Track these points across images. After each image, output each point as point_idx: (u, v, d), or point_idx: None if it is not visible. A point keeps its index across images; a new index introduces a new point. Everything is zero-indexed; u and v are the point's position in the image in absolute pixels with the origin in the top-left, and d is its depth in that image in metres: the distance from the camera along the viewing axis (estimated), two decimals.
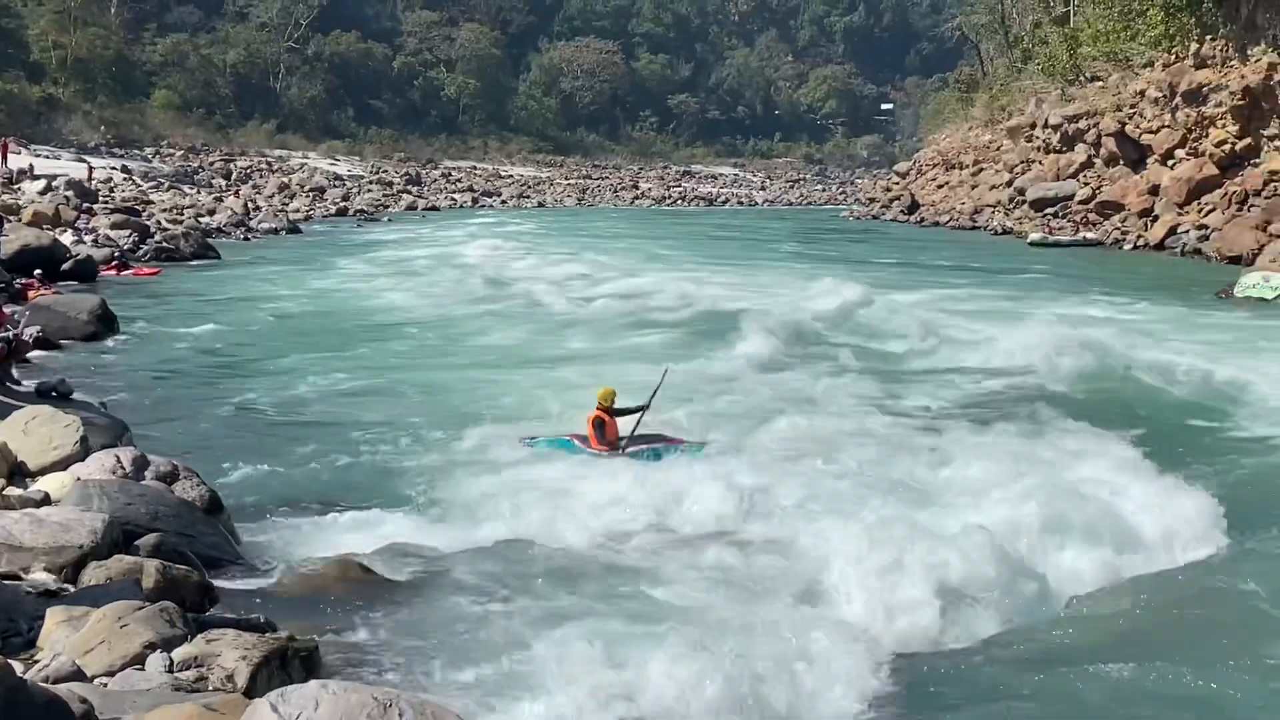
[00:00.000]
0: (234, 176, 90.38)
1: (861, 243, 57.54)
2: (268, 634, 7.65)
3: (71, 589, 8.38)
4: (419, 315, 28.08)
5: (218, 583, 9.36)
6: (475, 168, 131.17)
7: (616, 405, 14.33)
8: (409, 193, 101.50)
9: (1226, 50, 48.53)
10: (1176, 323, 24.40)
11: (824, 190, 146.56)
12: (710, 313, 26.91)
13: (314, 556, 10.24)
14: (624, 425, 14.29)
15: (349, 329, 25.81)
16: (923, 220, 73.83)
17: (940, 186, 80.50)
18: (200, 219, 54.95)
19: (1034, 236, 52.35)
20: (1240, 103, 46.10)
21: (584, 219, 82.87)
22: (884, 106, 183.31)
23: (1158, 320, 24.68)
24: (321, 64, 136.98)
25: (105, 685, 6.83)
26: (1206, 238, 42.79)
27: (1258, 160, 45.70)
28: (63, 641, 7.26)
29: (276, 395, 18.19)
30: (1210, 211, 45.27)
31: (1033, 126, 65.91)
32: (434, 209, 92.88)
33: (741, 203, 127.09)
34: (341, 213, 79.87)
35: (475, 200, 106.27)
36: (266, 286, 33.23)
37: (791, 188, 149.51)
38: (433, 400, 17.54)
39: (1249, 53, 47.16)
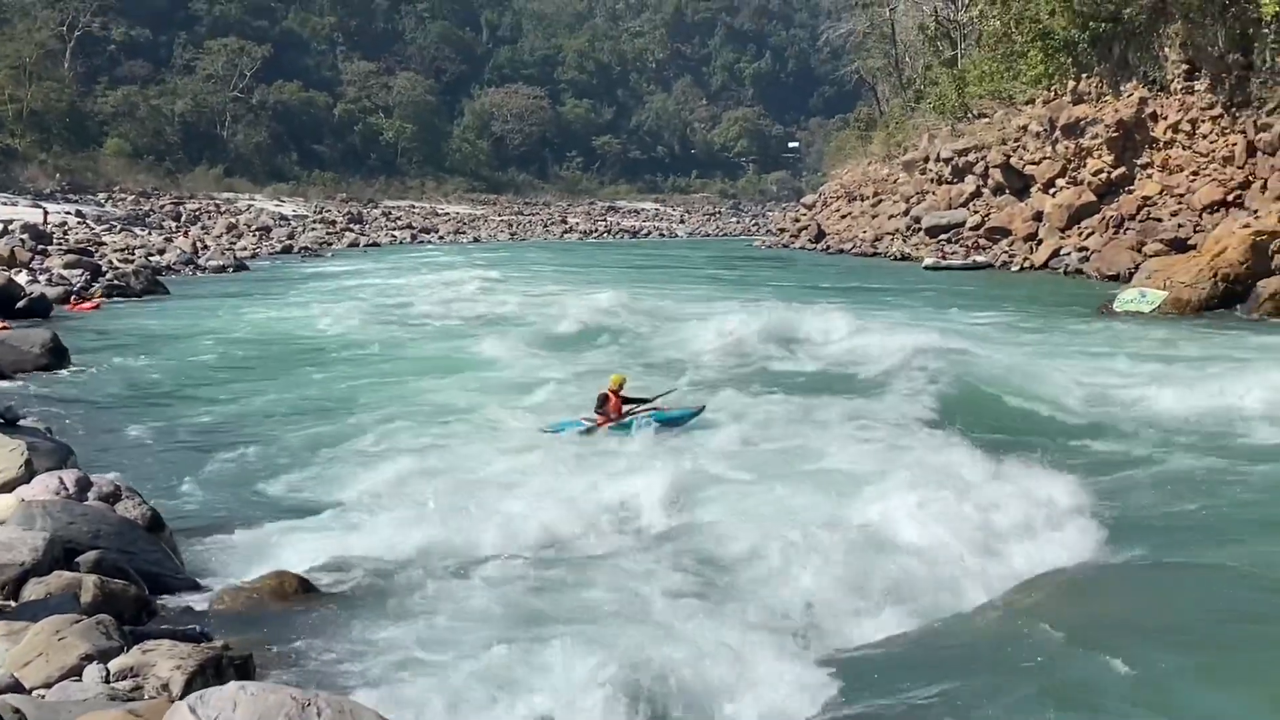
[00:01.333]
0: (183, 218, 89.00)
1: (773, 269, 57.77)
2: (203, 644, 7.42)
3: (13, 604, 8.11)
4: (354, 340, 27.73)
5: (160, 598, 9.12)
6: (414, 206, 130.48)
7: (625, 392, 15.78)
8: (351, 230, 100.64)
9: (1101, 87, 49.19)
10: (1061, 336, 24.58)
11: (738, 222, 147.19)
12: (642, 328, 26.86)
13: (253, 571, 9.96)
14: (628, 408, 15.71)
15: (290, 355, 25.49)
16: (829, 248, 74.12)
17: (844, 217, 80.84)
18: (150, 258, 54.11)
19: (928, 261, 52.61)
20: (1114, 135, 46.81)
21: (516, 251, 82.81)
22: (791, 145, 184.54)
23: (1043, 334, 24.86)
24: (266, 112, 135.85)
25: (43, 696, 6.59)
26: (1087, 258, 43.29)
27: (1131, 187, 46.42)
28: (1, 655, 6.99)
29: (220, 419, 17.88)
30: (1090, 235, 45.83)
31: (926, 160, 66.41)
32: (375, 245, 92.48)
33: (663, 235, 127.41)
34: (287, 250, 78.98)
35: (414, 236, 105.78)
36: (212, 318, 32.72)
37: (709, 220, 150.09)
38: (369, 419, 17.26)
39: (1121, 89, 47.85)
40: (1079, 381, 18.08)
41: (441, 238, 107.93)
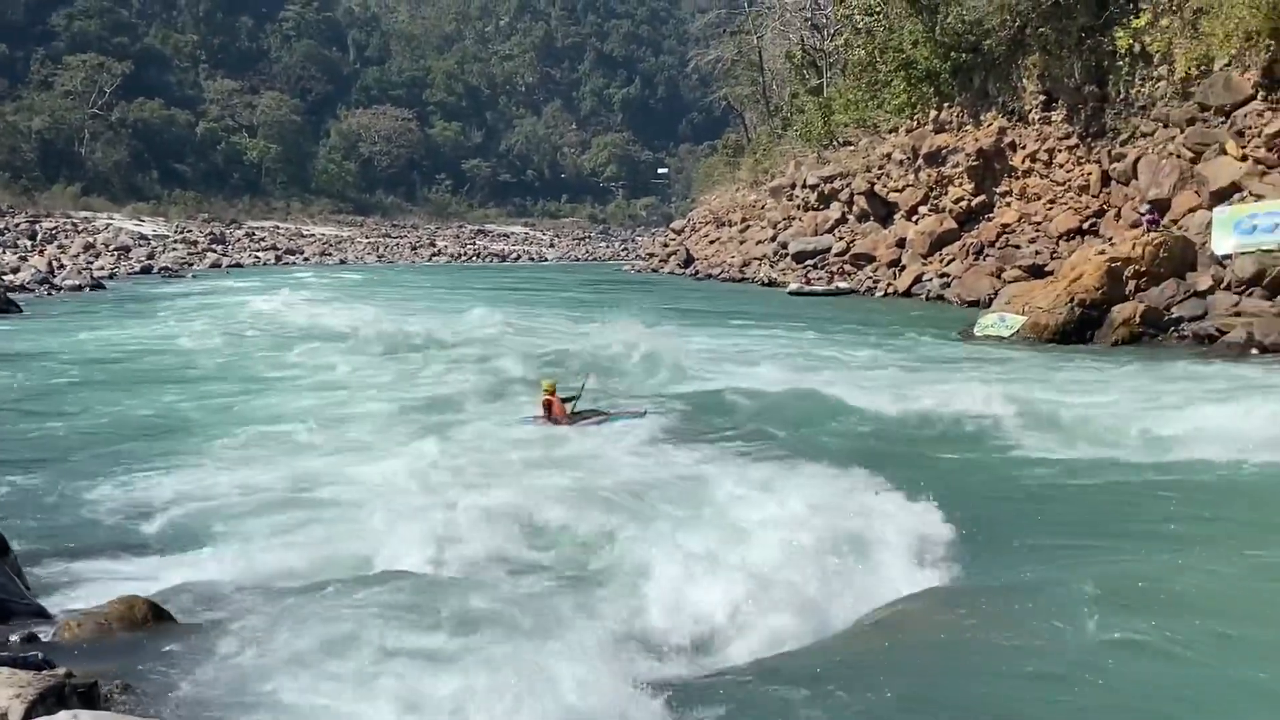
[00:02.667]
0: (39, 237, 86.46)
1: (642, 292, 57.66)
2: (44, 672, 6.90)
3: None
4: (212, 359, 26.96)
5: (3, 624, 8.55)
6: (278, 227, 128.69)
7: (558, 394, 17.22)
8: (213, 251, 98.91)
9: (962, 116, 50.12)
10: (921, 360, 24.76)
11: (608, 247, 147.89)
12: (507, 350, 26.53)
13: (103, 596, 9.37)
14: (569, 406, 17.15)
15: (146, 374, 24.64)
16: (697, 273, 74.43)
17: (712, 242, 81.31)
18: (3, 276, 52.45)
19: (793, 286, 52.88)
20: (974, 163, 47.71)
21: (383, 274, 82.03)
22: (660, 170, 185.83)
23: (904, 357, 25.01)
24: (126, 129, 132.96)
25: None
26: (949, 284, 43.96)
27: (991, 215, 47.32)
28: None
29: (71, 438, 17.08)
30: (951, 261, 46.57)
31: (793, 187, 67.03)
32: (238, 266, 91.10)
33: (532, 259, 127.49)
34: (146, 270, 77.54)
35: (279, 258, 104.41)
36: (66, 337, 31.60)
37: (578, 245, 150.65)
38: (227, 439, 16.60)
39: (981, 119, 48.79)
40: (936, 404, 18.16)
41: (307, 259, 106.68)
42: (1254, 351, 23.25)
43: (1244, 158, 32.77)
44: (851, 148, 60.97)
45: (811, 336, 30.85)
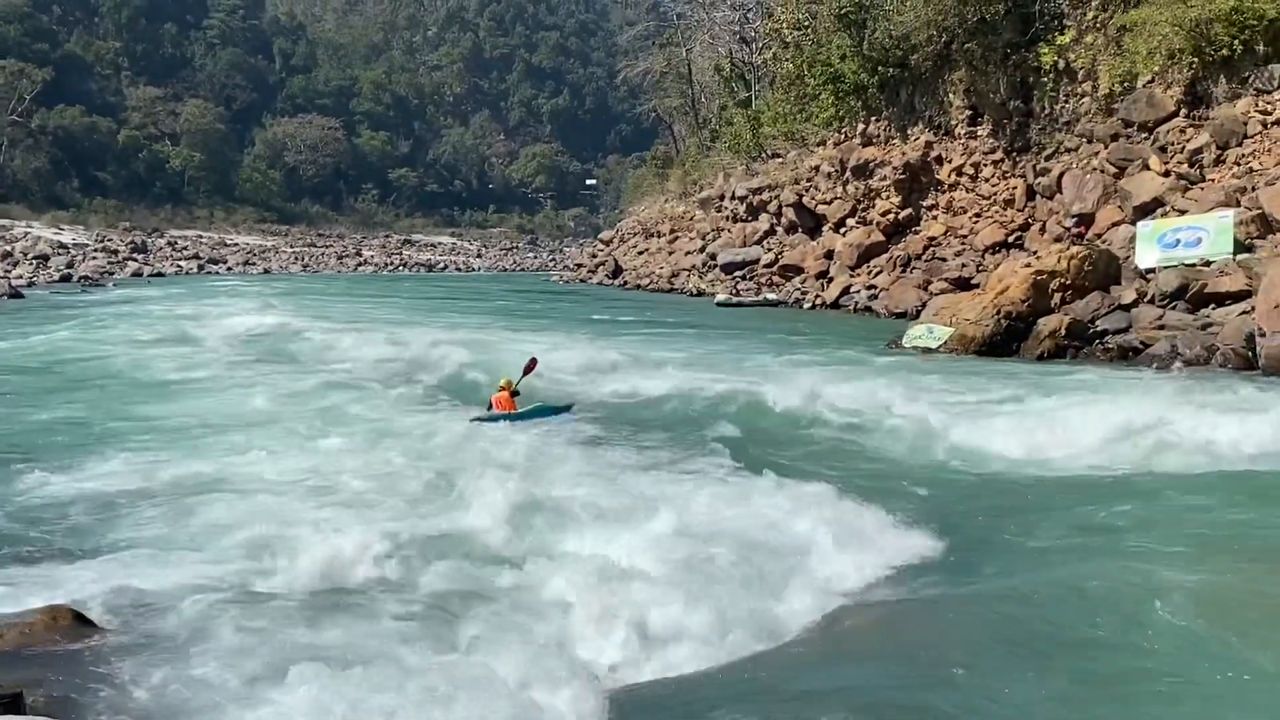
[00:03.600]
0: None
1: (571, 302, 57.61)
2: None
3: None
4: (132, 366, 26.45)
5: None
6: (201, 236, 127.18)
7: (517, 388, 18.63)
8: (135, 260, 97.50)
9: (889, 130, 50.48)
10: (849, 369, 24.71)
11: (536, 258, 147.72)
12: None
13: (25, 604, 9.13)
14: (519, 401, 18.42)
15: (64, 381, 24.10)
16: (625, 284, 74.29)
17: (641, 253, 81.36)
18: None
19: (720, 297, 52.87)
20: (901, 177, 48.06)
21: (308, 283, 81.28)
22: (589, 182, 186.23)
23: (833, 368, 24.97)
24: (46, 137, 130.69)
25: None
26: (876, 296, 44.12)
27: (918, 227, 47.65)
28: None
29: None
30: (879, 273, 46.79)
31: (722, 198, 67.25)
32: (160, 275, 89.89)
33: (459, 269, 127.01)
34: (66, 279, 76.42)
35: (202, 267, 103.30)
36: None
37: (506, 255, 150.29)
38: (150, 445, 16.24)
39: (908, 133, 49.15)
40: (862, 412, 18.26)
41: (230, 269, 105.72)
42: (1177, 365, 23.48)
43: (1166, 173, 33.27)
44: (780, 160, 61.24)
45: (735, 345, 30.80)
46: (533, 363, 19.79)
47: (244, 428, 17.81)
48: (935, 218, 47.23)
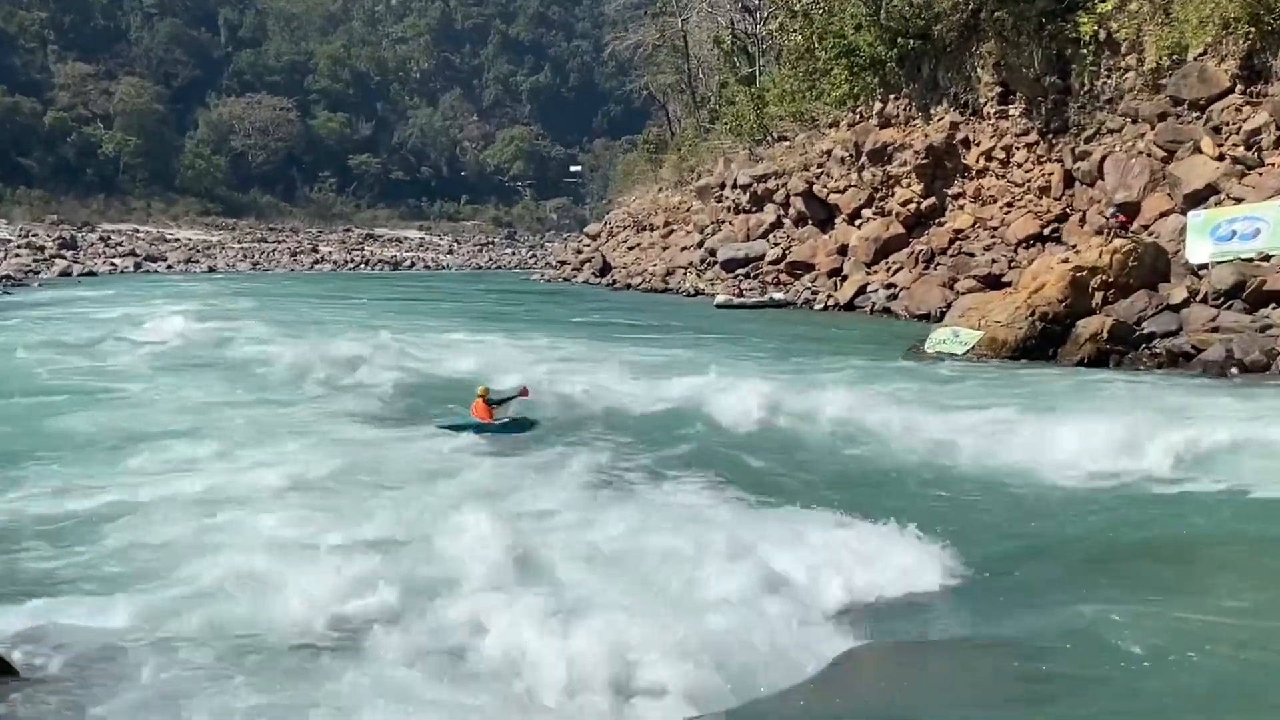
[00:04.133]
0: None
1: (553, 305, 57.49)
2: None
3: None
4: (57, 379, 26.37)
5: None
6: (138, 231, 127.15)
7: (491, 397, 19.58)
8: (63, 257, 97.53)
9: (910, 109, 50.52)
10: (864, 381, 24.62)
11: (514, 254, 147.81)
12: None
13: None
14: (499, 410, 19.49)
15: None
16: (614, 283, 74.33)
17: (632, 248, 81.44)
18: None
19: (720, 298, 52.88)
20: (924, 161, 48.08)
21: (257, 283, 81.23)
22: (573, 168, 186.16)
23: (845, 381, 24.86)
24: None
25: None
26: (895, 296, 44.13)
27: (942, 219, 47.66)
28: None
29: None
30: (898, 270, 46.82)
31: (722, 187, 67.29)
32: (92, 274, 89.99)
33: (428, 267, 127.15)
34: None
35: (138, 265, 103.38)
36: None
37: (480, 251, 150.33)
38: (75, 470, 16.09)
39: (931, 112, 49.19)
40: (880, 431, 18.18)
41: (170, 267, 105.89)
42: (1233, 371, 23.45)
43: (1220, 156, 33.27)
44: (787, 144, 61.26)
45: (736, 353, 30.70)
46: (524, 391, 20.42)
47: (169, 443, 17.78)
48: (962, 208, 47.25)
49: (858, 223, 51.73)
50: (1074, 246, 36.61)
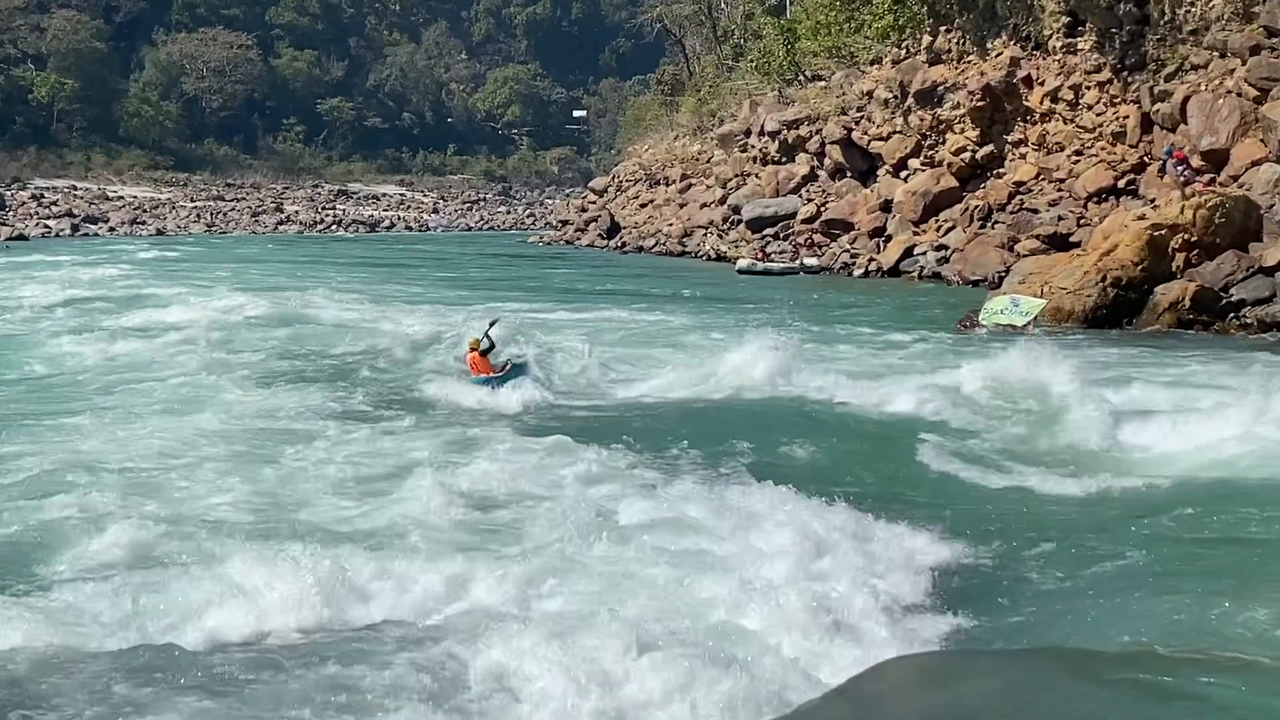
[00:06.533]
0: None
1: (550, 270, 57.43)
2: None
3: None
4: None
5: None
6: (75, 188, 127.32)
7: (482, 346, 21.96)
8: None
9: (963, 44, 50.39)
10: (907, 361, 24.52)
11: (509, 213, 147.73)
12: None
13: None
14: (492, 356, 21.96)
15: None
16: (624, 245, 74.18)
17: (644, 206, 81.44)
18: None
19: (742, 263, 52.63)
20: (980, 104, 47.87)
21: (214, 248, 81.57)
22: (576, 114, 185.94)
23: (884, 360, 24.81)
24: None
25: None
26: (947, 259, 44.09)
27: (1001, 170, 47.50)
28: None
29: None
30: (950, 229, 46.69)
31: (747, 134, 67.23)
32: (21, 238, 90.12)
33: (410, 228, 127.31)
34: None
35: (76, 227, 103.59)
36: None
37: (470, 210, 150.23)
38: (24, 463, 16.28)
39: (988, 47, 49.05)
40: (928, 421, 18.13)
41: (113, 229, 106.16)
42: None
43: None
44: (822, 84, 61.25)
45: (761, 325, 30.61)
46: (494, 322, 23.60)
47: (137, 446, 17.45)
48: (1023, 157, 47.14)
49: (903, 175, 51.65)
50: (1152, 201, 36.62)
